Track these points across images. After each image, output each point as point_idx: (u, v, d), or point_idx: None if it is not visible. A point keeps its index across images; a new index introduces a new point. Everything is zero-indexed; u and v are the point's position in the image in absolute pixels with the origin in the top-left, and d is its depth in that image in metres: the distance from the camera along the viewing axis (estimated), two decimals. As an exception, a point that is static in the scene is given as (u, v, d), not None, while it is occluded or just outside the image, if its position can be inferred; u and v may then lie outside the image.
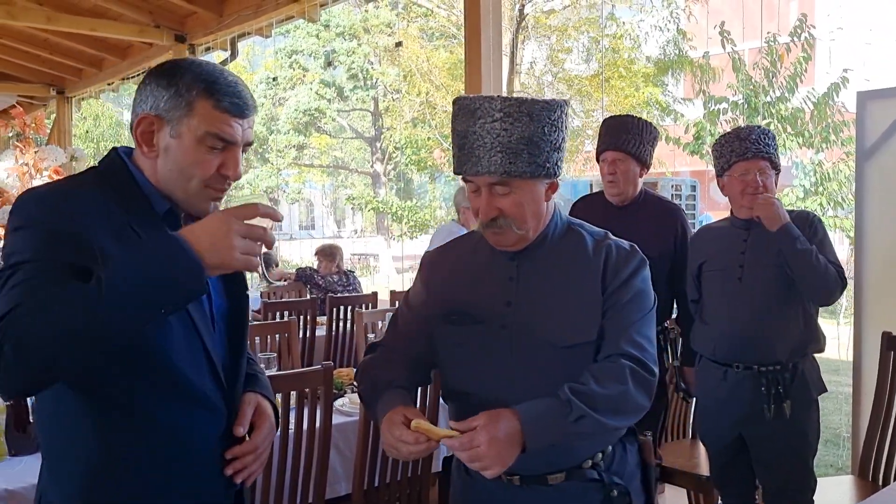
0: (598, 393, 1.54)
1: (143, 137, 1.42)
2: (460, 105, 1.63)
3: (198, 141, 1.39)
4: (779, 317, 2.68)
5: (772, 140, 2.73)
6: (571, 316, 1.64)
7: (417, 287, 1.84)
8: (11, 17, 7.07)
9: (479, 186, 1.63)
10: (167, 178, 1.42)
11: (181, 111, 1.38)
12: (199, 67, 1.42)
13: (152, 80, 1.42)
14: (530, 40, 15.95)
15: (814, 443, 2.79)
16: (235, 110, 1.41)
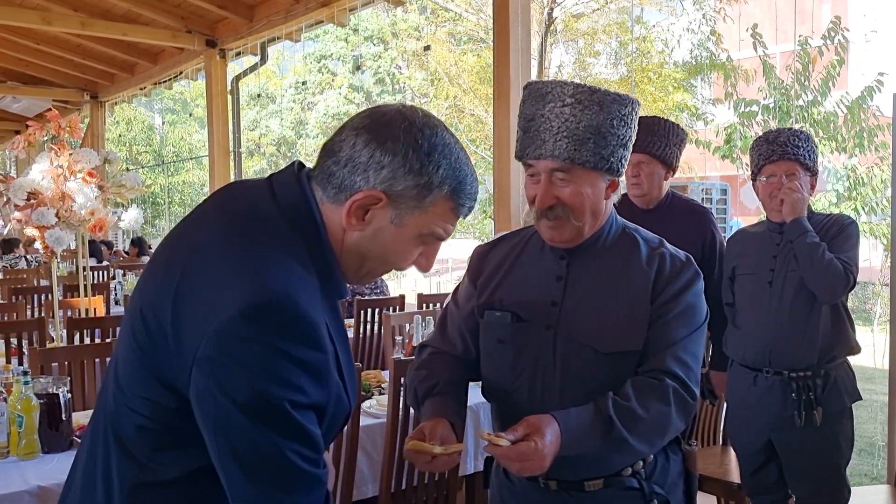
0: (641, 416, 1.50)
1: (357, 211, 1.15)
2: (531, 89, 1.61)
3: (418, 236, 1.20)
4: (807, 322, 2.65)
5: (804, 142, 2.69)
6: (617, 323, 1.60)
7: (465, 282, 1.81)
8: (47, 22, 7.21)
9: (538, 172, 1.60)
10: (360, 255, 1.20)
11: (418, 203, 1.16)
12: (452, 155, 1.18)
13: (400, 150, 1.14)
14: (559, 44, 15.91)
15: (847, 451, 2.74)
16: (467, 213, 1.25)
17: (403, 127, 1.15)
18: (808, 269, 2.60)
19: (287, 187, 1.18)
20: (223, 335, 1.04)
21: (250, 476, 1.05)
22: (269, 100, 24.13)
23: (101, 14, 7.46)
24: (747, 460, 2.87)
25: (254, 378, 1.03)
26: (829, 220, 2.72)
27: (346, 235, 1.18)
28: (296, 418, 1.05)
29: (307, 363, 1.06)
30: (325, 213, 1.18)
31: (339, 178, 1.15)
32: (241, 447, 1.05)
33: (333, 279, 1.18)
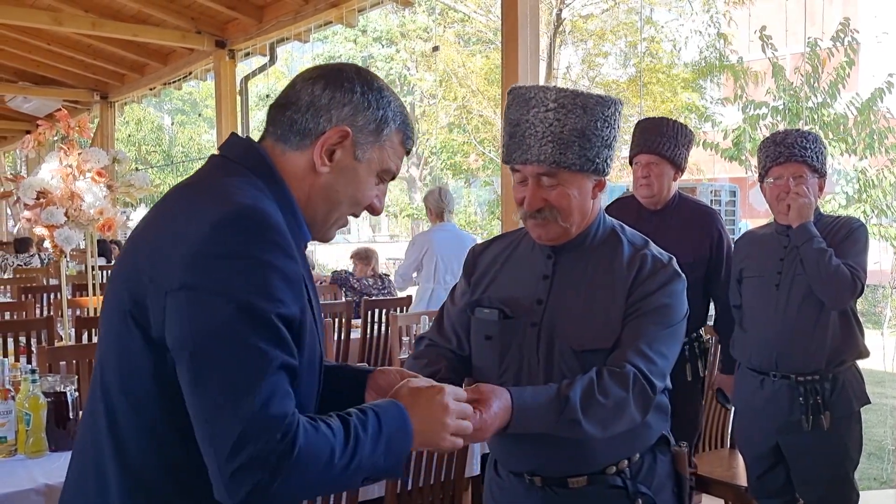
0: (599, 401, 1.51)
1: (327, 150, 1.23)
2: (515, 94, 1.64)
3: (377, 171, 1.29)
4: (814, 325, 2.64)
5: (812, 144, 2.68)
6: (593, 322, 1.64)
7: (462, 279, 1.86)
8: (58, 23, 7.24)
9: (525, 177, 1.64)
10: (326, 199, 1.26)
11: (376, 137, 1.26)
12: (394, 95, 1.32)
13: (357, 88, 1.25)
14: (567, 45, 15.89)
15: (856, 455, 2.72)
16: (410, 149, 1.36)
17: (354, 71, 1.28)
18: (814, 276, 2.58)
19: (234, 146, 1.26)
20: (197, 256, 1.07)
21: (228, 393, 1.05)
22: (277, 100, 24.16)
23: (112, 15, 7.49)
24: (754, 464, 2.86)
25: (235, 293, 1.06)
26: (838, 223, 2.70)
27: (315, 180, 1.24)
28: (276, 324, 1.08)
29: (283, 271, 1.10)
30: (285, 163, 1.24)
31: (301, 123, 1.23)
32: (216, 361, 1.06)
33: (297, 222, 1.23)
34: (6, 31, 8.22)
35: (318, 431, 1.09)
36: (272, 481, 1.04)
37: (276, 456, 1.03)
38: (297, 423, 1.06)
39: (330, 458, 1.09)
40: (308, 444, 1.07)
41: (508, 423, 1.46)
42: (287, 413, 1.06)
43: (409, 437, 1.20)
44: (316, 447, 1.08)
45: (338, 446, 1.10)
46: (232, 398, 1.04)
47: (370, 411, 1.18)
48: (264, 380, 1.05)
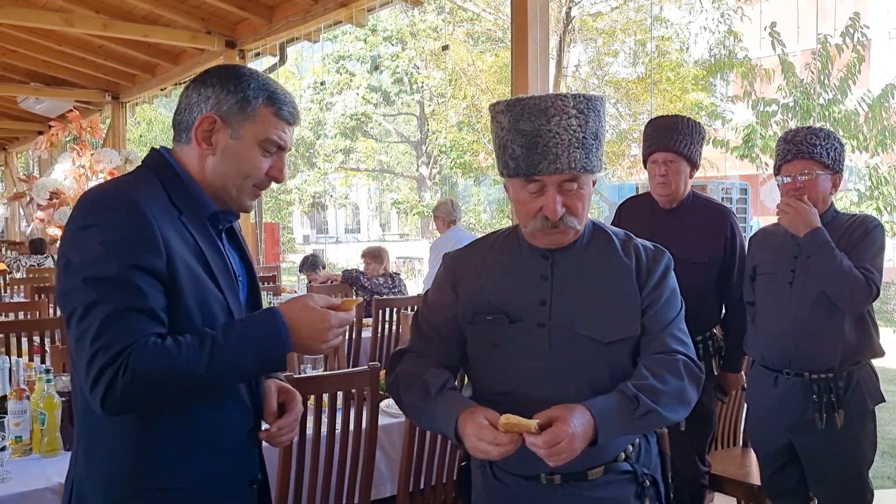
0: (660, 388, 1.59)
1: (203, 136, 1.50)
2: (524, 105, 1.62)
3: (257, 145, 1.51)
4: (828, 324, 2.62)
5: (822, 140, 2.65)
6: (611, 313, 1.68)
7: (442, 289, 1.82)
8: (69, 24, 7.27)
9: (544, 185, 1.63)
10: (221, 176, 1.52)
11: (244, 115, 1.49)
12: (260, 77, 1.53)
13: (215, 82, 1.51)
14: (576, 43, 15.86)
15: (870, 454, 2.71)
16: (291, 119, 1.55)
17: (216, 69, 1.55)
18: (827, 284, 2.57)
19: (150, 157, 1.56)
20: (67, 230, 1.41)
21: (82, 332, 1.34)
22: (287, 100, 24.19)
23: (123, 16, 7.52)
24: (768, 462, 2.85)
25: (93, 252, 1.34)
26: (854, 222, 2.67)
27: (206, 163, 1.52)
28: (122, 277, 1.34)
29: (135, 232, 1.36)
30: (183, 156, 1.54)
31: (183, 123, 1.53)
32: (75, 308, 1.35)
33: (194, 198, 1.50)
34: (18, 33, 8.27)
35: (161, 345, 1.34)
36: (115, 383, 1.31)
37: (115, 369, 1.31)
38: (133, 345, 1.32)
39: (172, 363, 1.33)
40: (145, 358, 1.32)
41: (596, 434, 1.51)
42: (120, 341, 1.32)
43: (284, 341, 1.42)
44: (155, 358, 1.33)
45: (184, 354, 1.35)
46: (83, 335, 1.34)
47: (239, 322, 1.44)
48: (101, 319, 1.33)
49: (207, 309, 1.45)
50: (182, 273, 1.41)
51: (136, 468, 1.43)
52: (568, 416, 1.49)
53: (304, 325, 1.44)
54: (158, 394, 1.35)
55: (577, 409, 1.52)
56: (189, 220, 1.48)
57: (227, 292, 1.50)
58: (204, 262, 1.47)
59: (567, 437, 1.47)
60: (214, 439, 1.50)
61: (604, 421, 1.52)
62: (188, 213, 1.48)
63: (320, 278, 7.06)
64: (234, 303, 1.52)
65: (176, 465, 1.45)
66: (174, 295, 1.40)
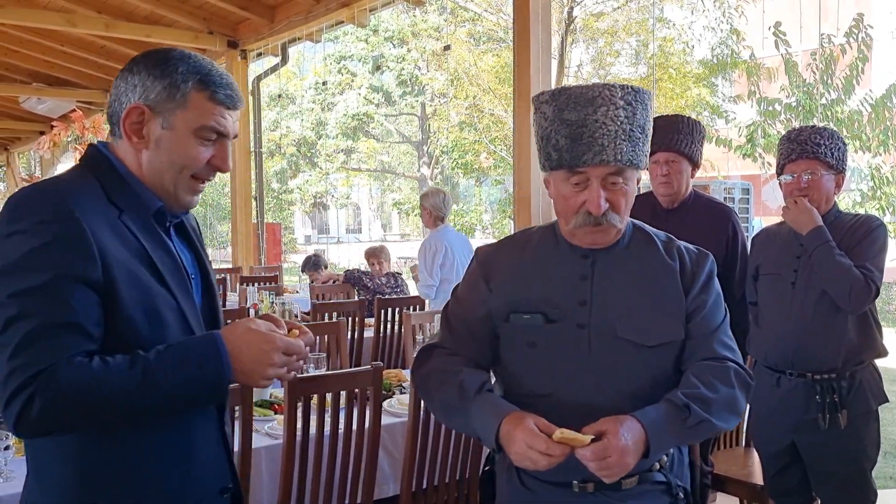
0: (711, 397, 1.55)
1: (132, 128, 1.38)
2: (570, 95, 1.57)
3: (192, 133, 1.39)
4: (831, 324, 2.62)
5: (826, 139, 2.66)
6: (655, 316, 1.63)
7: (475, 284, 1.74)
8: (71, 24, 7.28)
9: (588, 178, 1.57)
10: (156, 170, 1.40)
11: (175, 103, 1.37)
12: (191, 59, 1.41)
13: (142, 69, 1.39)
14: (578, 43, 15.85)
15: (873, 454, 2.71)
16: (229, 102, 1.42)
17: (144, 54, 1.42)
18: (827, 283, 2.57)
19: (86, 154, 1.45)
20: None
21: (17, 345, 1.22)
22: (289, 100, 24.25)
23: (125, 16, 7.52)
24: (770, 462, 2.84)
25: (16, 262, 1.23)
26: (857, 222, 2.68)
27: (141, 158, 1.40)
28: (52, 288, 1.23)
29: (64, 237, 1.25)
30: (119, 151, 1.42)
31: (114, 116, 1.41)
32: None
33: (135, 195, 1.39)
34: (20, 33, 8.27)
35: (85, 366, 1.23)
36: (31, 406, 1.20)
37: (31, 391, 1.20)
38: (54, 365, 1.21)
39: (96, 386, 1.22)
40: (67, 380, 1.21)
41: (647, 447, 1.47)
42: (40, 360, 1.21)
43: (224, 367, 1.29)
44: (77, 380, 1.21)
45: (111, 377, 1.23)
46: (1, 352, 1.23)
47: (176, 345, 1.31)
48: (22, 336, 1.21)
49: (155, 315, 1.33)
50: (121, 279, 1.29)
51: (90, 487, 1.33)
52: (618, 429, 1.45)
53: (247, 348, 1.31)
54: (80, 418, 1.24)
55: (627, 421, 1.47)
56: (131, 218, 1.36)
57: (179, 294, 1.39)
58: (149, 264, 1.35)
59: (617, 451, 1.43)
60: (176, 450, 1.39)
61: (656, 432, 1.48)
62: (129, 211, 1.37)
63: (323, 278, 7.07)
64: (188, 304, 1.41)
65: (134, 481, 1.35)
66: (113, 304, 1.28)
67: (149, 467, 1.36)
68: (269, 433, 2.81)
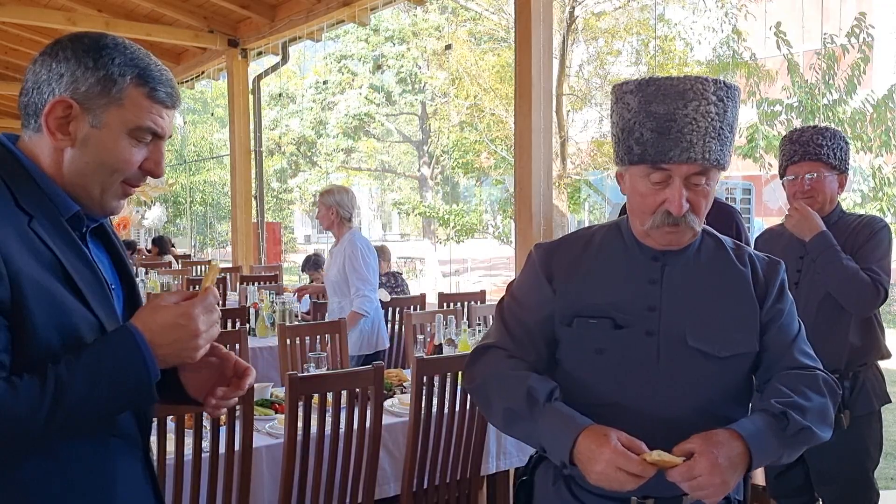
0: (806, 405, 1.46)
1: (56, 124, 1.21)
2: (659, 86, 1.47)
3: (126, 133, 1.24)
4: (834, 325, 2.61)
5: (829, 140, 2.65)
6: (727, 326, 1.55)
7: (538, 284, 1.62)
8: (71, 22, 7.28)
9: (670, 176, 1.47)
10: (81, 172, 1.23)
11: (108, 98, 1.21)
12: (127, 49, 1.24)
13: (70, 56, 1.21)
14: (580, 42, 15.84)
15: (875, 454, 2.70)
16: (169, 101, 1.27)
17: (70, 38, 1.24)
18: (834, 288, 2.57)
19: None
20: None
21: None
22: (289, 99, 24.24)
23: (125, 14, 7.53)
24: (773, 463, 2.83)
25: None
26: (861, 223, 2.67)
27: (63, 157, 1.23)
28: None
29: None
30: (33, 146, 1.24)
31: (31, 105, 1.22)
32: None
33: (55, 202, 1.22)
34: (20, 31, 8.28)
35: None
36: None
37: None
38: None
39: (3, 414, 1.07)
40: None
41: (750, 461, 1.39)
42: None
43: (146, 360, 1.15)
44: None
45: (19, 401, 1.08)
46: None
47: (89, 348, 1.15)
48: None
49: (73, 334, 1.17)
50: (30, 296, 1.12)
51: None
52: (707, 447, 1.36)
53: (164, 329, 1.17)
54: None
55: (721, 437, 1.38)
56: (42, 225, 1.18)
57: (98, 308, 1.22)
58: (64, 277, 1.18)
59: (707, 469, 1.34)
60: (95, 491, 1.23)
61: (757, 444, 1.40)
62: (40, 216, 1.19)
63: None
64: (109, 318, 1.24)
65: None
66: (23, 326, 1.12)
67: (70, 496, 1.20)
68: (269, 432, 2.80)
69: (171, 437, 2.42)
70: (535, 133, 4.44)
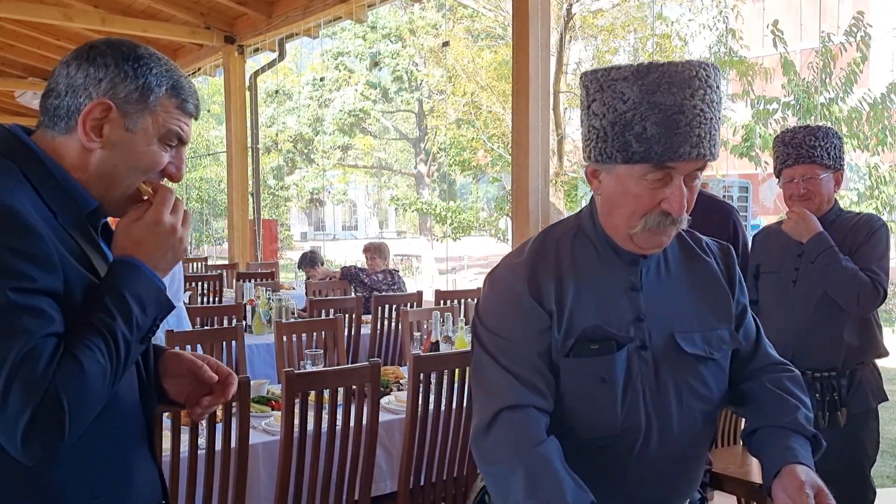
0: (810, 415, 1.47)
1: (92, 125, 1.24)
2: (664, 72, 1.29)
3: (157, 138, 1.29)
4: (831, 323, 2.61)
5: (822, 140, 2.64)
6: (713, 323, 1.45)
7: (530, 309, 1.38)
8: (68, 18, 7.25)
9: (670, 174, 1.31)
10: (109, 173, 1.27)
11: (145, 105, 1.26)
12: (161, 61, 1.31)
13: (110, 62, 1.25)
14: (577, 40, 15.84)
15: (872, 452, 2.70)
16: (195, 113, 1.35)
17: (107, 45, 1.28)
18: (835, 290, 2.57)
19: (3, 141, 1.26)
20: None
21: None
22: (286, 96, 24.21)
23: (122, 10, 7.50)
24: (769, 460, 2.84)
25: None
26: (859, 221, 2.67)
27: (91, 158, 1.25)
28: (20, 303, 1.09)
29: (23, 251, 1.11)
30: (56, 145, 1.25)
31: (63, 107, 1.25)
32: None
33: (75, 198, 1.24)
34: (16, 27, 8.24)
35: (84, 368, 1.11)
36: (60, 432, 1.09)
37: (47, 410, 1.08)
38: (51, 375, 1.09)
39: (103, 372, 1.13)
40: (76, 385, 1.10)
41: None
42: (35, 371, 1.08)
43: (150, 277, 1.22)
44: (87, 382, 1.11)
45: (106, 357, 1.14)
46: None
47: (118, 298, 1.18)
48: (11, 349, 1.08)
49: None
50: (75, 288, 1.17)
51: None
52: (817, 483, 1.36)
53: (145, 243, 1.25)
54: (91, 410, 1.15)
55: (803, 474, 1.37)
56: (66, 221, 1.22)
57: None
58: (91, 270, 1.22)
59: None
60: (112, 481, 1.26)
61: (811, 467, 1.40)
62: (61, 212, 1.22)
63: (319, 275, 7.04)
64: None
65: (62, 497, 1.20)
66: (68, 316, 1.15)
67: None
68: (266, 429, 2.79)
69: (168, 434, 2.41)
70: (532, 130, 4.44)
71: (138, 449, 1.32)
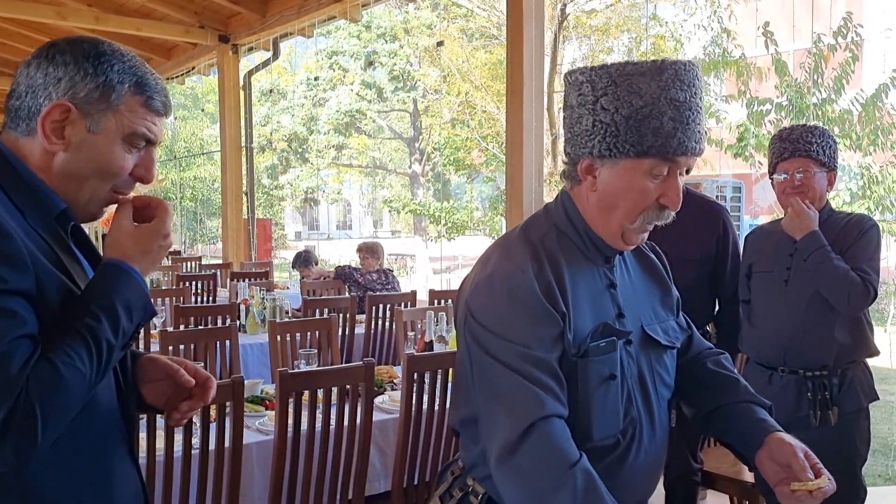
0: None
1: (52, 127, 1.20)
2: (677, 70, 1.33)
3: (122, 139, 1.24)
4: (823, 322, 2.62)
5: (818, 138, 2.67)
6: (668, 314, 1.55)
7: (545, 313, 1.34)
8: (61, 17, 7.24)
9: (678, 170, 1.36)
10: (72, 176, 1.23)
11: (107, 104, 1.22)
12: (125, 57, 1.26)
13: (69, 61, 1.21)
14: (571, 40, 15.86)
15: (863, 451, 2.71)
16: (163, 111, 1.29)
17: (68, 42, 1.24)
18: (826, 289, 2.58)
19: None
20: None
21: None
22: (280, 96, 24.17)
23: (115, 9, 7.49)
24: (761, 459, 2.85)
25: None
26: (850, 221, 2.68)
27: (54, 160, 1.22)
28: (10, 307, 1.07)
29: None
30: (20, 147, 1.23)
31: (24, 108, 1.22)
32: None
33: (42, 199, 1.21)
34: (9, 26, 8.22)
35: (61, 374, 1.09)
36: (33, 438, 1.07)
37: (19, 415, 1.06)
38: (25, 378, 1.07)
39: (82, 379, 1.11)
40: (51, 391, 1.08)
41: None
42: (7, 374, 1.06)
43: (141, 284, 1.23)
44: (63, 389, 1.09)
45: (88, 363, 1.12)
46: None
47: (106, 302, 1.17)
48: None
49: None
50: (48, 289, 1.14)
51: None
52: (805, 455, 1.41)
53: (132, 244, 1.24)
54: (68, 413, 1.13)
55: (788, 440, 1.44)
56: (35, 221, 1.19)
57: None
58: (63, 270, 1.19)
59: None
60: (93, 479, 1.24)
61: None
62: (31, 213, 1.19)
63: (313, 274, 7.04)
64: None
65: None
66: (41, 317, 1.13)
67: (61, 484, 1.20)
68: (259, 429, 2.79)
69: (161, 433, 2.41)
70: (526, 130, 4.45)
71: (119, 454, 1.30)
